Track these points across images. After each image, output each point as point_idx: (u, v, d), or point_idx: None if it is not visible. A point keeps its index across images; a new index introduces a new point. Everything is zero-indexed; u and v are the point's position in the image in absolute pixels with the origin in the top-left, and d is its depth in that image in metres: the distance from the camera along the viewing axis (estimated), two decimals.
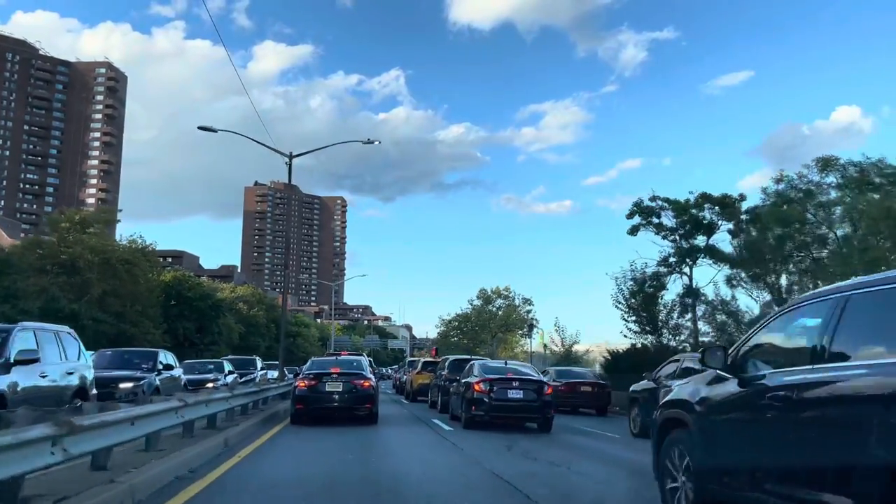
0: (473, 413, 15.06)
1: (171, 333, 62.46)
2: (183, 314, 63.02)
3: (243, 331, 78.69)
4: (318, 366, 17.05)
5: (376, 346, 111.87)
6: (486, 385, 14.96)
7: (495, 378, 15.30)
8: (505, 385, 15.10)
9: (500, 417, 15.21)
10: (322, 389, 15.61)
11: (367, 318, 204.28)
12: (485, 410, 14.89)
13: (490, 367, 16.91)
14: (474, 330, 62.88)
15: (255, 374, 25.45)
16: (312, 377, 15.85)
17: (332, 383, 15.68)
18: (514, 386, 15.12)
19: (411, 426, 16.91)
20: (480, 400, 14.87)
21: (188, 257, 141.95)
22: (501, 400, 14.94)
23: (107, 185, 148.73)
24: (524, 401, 15.03)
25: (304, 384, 15.79)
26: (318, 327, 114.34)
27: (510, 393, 15.00)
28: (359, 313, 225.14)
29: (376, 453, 11.15)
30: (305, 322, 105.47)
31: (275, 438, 12.81)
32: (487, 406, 14.87)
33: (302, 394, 15.65)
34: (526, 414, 15.35)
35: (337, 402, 15.63)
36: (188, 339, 63.63)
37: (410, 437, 14.20)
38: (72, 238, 49.78)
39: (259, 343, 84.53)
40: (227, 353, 77.26)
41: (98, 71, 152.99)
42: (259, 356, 79.37)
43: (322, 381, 15.68)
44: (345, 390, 15.66)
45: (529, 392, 15.07)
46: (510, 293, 63.82)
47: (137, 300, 55.44)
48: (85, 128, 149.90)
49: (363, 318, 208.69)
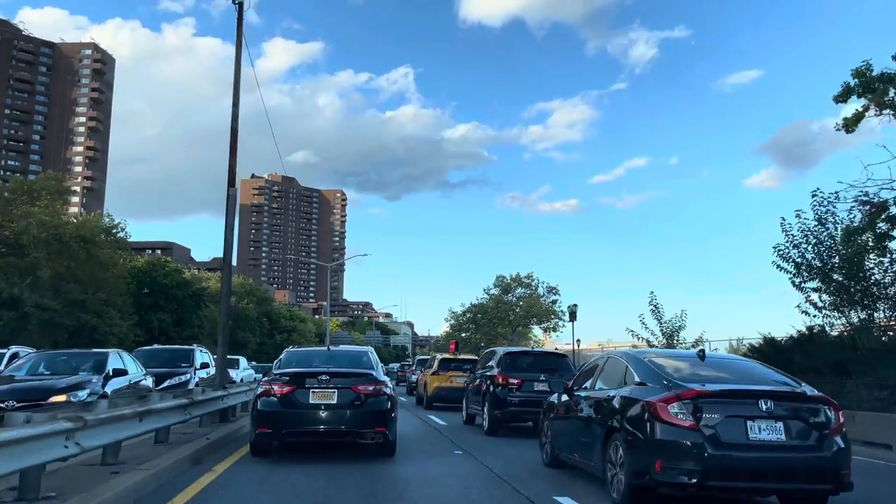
0: (659, 477, 6.55)
1: (143, 326, 54.62)
2: (158, 304, 55.14)
3: (230, 324, 70.79)
4: (299, 361, 10.93)
5: (378, 342, 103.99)
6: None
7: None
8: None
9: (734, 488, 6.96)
10: (303, 401, 9.70)
11: (368, 314, 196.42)
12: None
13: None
14: (492, 322, 54.93)
15: (187, 374, 17.43)
16: (288, 380, 9.90)
17: (321, 391, 9.73)
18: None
19: (453, 464, 10.11)
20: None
21: (178, 249, 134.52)
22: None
23: (93, 172, 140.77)
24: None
25: (273, 391, 9.79)
26: (315, 322, 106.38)
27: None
28: (359, 310, 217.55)
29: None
30: (301, 316, 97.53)
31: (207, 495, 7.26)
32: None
33: (269, 409, 9.72)
34: None
35: (328, 422, 9.71)
36: (164, 333, 55.72)
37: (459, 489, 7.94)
38: (18, 212, 41.94)
39: (249, 339, 76.63)
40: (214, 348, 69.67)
41: (84, 53, 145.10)
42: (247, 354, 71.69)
43: (304, 387, 9.76)
44: (342, 403, 9.69)
45: None
46: (532, 280, 55.95)
47: (101, 287, 47.59)
48: (70, 112, 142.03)
49: (363, 314, 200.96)
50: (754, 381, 7.00)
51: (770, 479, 6.34)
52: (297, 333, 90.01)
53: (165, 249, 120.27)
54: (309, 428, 9.68)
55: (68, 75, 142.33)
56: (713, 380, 6.88)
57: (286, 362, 10.83)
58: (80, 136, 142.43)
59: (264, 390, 9.82)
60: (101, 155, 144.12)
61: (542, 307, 53.96)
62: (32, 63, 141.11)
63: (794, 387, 7.02)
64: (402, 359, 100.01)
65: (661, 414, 6.43)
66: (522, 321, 55.22)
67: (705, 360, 7.53)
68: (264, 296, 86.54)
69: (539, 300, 54.62)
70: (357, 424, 9.69)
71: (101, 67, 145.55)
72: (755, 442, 6.29)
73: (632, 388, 7.24)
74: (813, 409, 6.61)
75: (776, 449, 6.30)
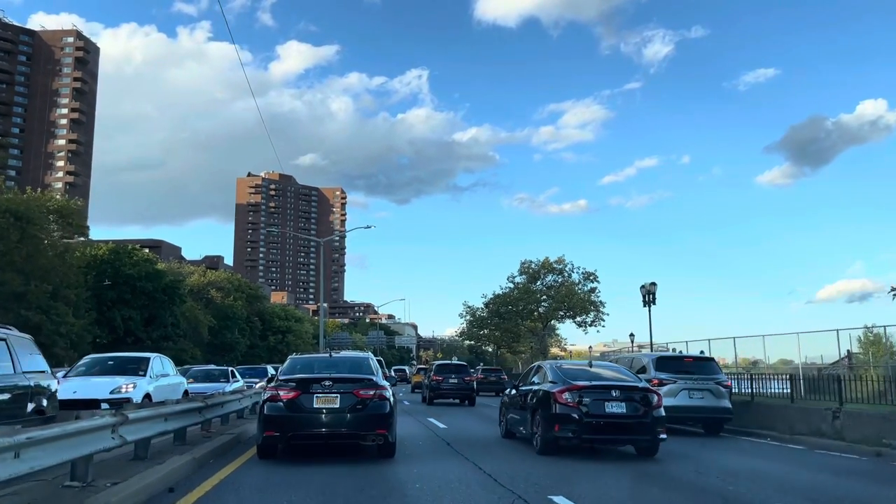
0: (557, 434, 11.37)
1: (105, 325, 46.07)
2: (123, 299, 46.46)
3: (214, 324, 62.13)
4: (302, 367, 11.43)
5: (382, 343, 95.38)
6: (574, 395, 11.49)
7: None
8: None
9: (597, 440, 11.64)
10: (307, 405, 10.27)
11: (370, 316, 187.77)
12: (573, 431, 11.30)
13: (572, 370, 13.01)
14: (520, 315, 46.28)
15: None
16: (294, 385, 10.40)
17: (325, 395, 10.29)
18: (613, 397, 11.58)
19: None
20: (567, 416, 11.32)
21: (167, 247, 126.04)
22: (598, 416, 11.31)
23: (75, 166, 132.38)
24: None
25: (279, 396, 10.32)
26: (313, 323, 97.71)
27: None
28: (360, 311, 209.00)
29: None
30: (297, 315, 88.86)
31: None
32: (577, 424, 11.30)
33: (275, 413, 10.27)
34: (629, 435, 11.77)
35: (331, 425, 10.27)
36: (131, 333, 47.10)
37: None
38: None
39: (237, 341, 68.02)
40: (196, 352, 61.12)
41: (65, 40, 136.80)
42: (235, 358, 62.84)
43: (308, 392, 10.30)
44: (344, 407, 10.27)
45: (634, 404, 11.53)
46: (564, 265, 47.10)
47: (47, 277, 39.18)
48: (51, 104, 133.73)
49: (365, 315, 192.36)
50: (613, 379, 12.20)
51: (615, 432, 11.51)
52: (292, 335, 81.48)
53: (154, 247, 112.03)
54: (313, 431, 10.28)
55: (49, 64, 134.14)
56: (590, 378, 12.15)
57: (290, 369, 11.35)
58: (63, 128, 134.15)
59: (271, 395, 10.40)
60: (84, 149, 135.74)
61: (578, 297, 45.26)
62: (11, 52, 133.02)
63: (634, 381, 12.31)
64: (407, 361, 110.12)
65: (559, 398, 11.46)
66: (554, 314, 46.56)
67: (592, 367, 13.23)
68: (256, 293, 77.96)
69: (574, 288, 45.93)
70: (359, 427, 10.33)
71: (84, 56, 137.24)
72: (609, 413, 11.34)
73: (547, 384, 12.17)
74: (643, 394, 11.62)
75: (620, 417, 11.34)
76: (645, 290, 26.32)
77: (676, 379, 15.92)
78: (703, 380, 16.11)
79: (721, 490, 8.49)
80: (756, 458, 12.17)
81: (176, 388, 15.85)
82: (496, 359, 70.51)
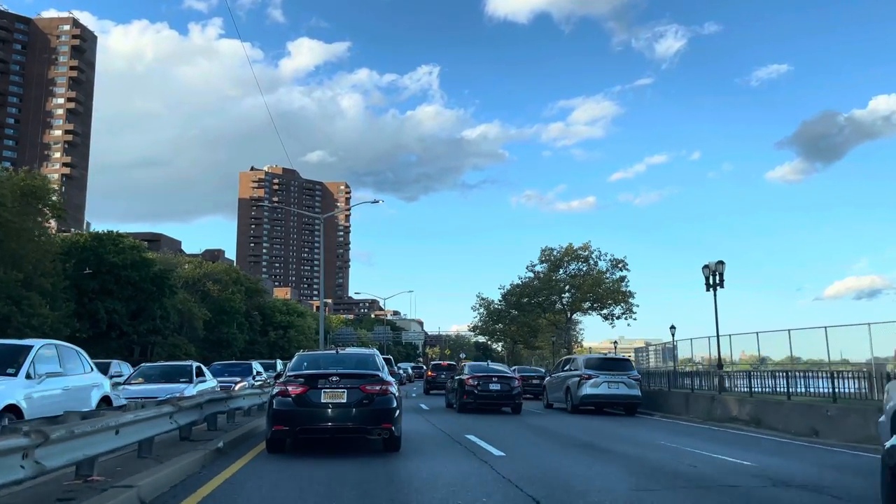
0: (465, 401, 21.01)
1: (87, 318, 42.12)
2: (106, 290, 42.44)
3: (210, 318, 58.11)
4: (309, 364, 11.67)
5: (389, 339, 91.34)
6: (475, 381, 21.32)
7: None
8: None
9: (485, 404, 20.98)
10: (315, 400, 10.40)
11: (375, 312, 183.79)
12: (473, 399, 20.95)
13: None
14: (540, 307, 42.11)
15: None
16: (302, 381, 10.57)
17: (332, 390, 10.44)
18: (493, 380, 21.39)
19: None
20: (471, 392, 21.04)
21: (167, 241, 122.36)
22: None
23: (72, 157, 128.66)
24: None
25: (287, 391, 10.46)
26: (315, 317, 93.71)
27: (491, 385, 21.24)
28: (365, 307, 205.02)
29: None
30: (299, 310, 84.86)
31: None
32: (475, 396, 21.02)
33: (284, 408, 10.40)
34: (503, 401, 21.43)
35: (338, 419, 10.39)
36: (115, 327, 43.13)
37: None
38: None
39: (235, 336, 64.03)
40: (190, 347, 57.14)
41: (62, 28, 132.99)
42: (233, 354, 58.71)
43: (316, 388, 10.44)
44: (351, 401, 10.40)
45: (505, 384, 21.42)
46: (590, 252, 42.89)
47: (19, 264, 35.25)
48: (47, 93, 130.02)
49: (370, 311, 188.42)
50: (496, 371, 22.78)
51: (495, 400, 21.51)
52: (294, 330, 77.52)
53: (153, 241, 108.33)
54: (321, 425, 10.46)
55: (45, 53, 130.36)
56: (484, 370, 22.64)
57: (298, 365, 11.56)
58: (59, 118, 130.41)
59: (280, 391, 10.50)
60: (82, 139, 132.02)
61: (607, 286, 41.04)
62: (6, 40, 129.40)
63: (509, 373, 23.15)
64: (414, 358, 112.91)
65: (468, 382, 21.32)
66: (579, 305, 42.37)
67: (489, 365, 24.50)
68: (255, 286, 73.97)
69: (602, 277, 41.71)
70: (365, 421, 10.50)
71: (82, 44, 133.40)
72: (492, 390, 21.56)
73: (465, 375, 21.91)
74: (510, 380, 21.77)
75: (497, 392, 21.47)
76: (710, 270, 22.25)
77: (599, 374, 21.82)
78: (619, 374, 22.12)
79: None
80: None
81: (78, 393, 10.86)
82: (510, 355, 66.42)
